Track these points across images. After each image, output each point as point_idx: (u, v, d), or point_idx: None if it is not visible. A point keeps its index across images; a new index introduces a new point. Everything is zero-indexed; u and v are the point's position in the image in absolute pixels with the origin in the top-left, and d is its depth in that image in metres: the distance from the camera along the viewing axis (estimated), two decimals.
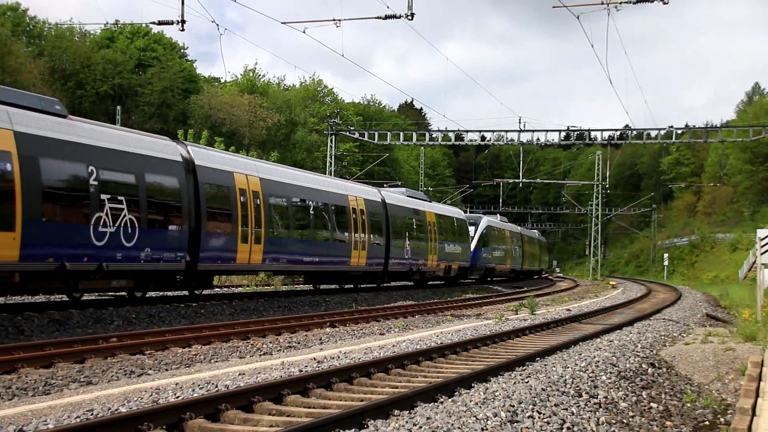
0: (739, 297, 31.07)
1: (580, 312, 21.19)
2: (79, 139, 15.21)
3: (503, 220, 49.55)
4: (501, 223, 47.26)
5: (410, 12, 24.32)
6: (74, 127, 15.34)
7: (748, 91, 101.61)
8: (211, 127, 47.13)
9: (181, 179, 17.95)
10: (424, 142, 45.40)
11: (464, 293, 31.01)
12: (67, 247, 14.66)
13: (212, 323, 15.42)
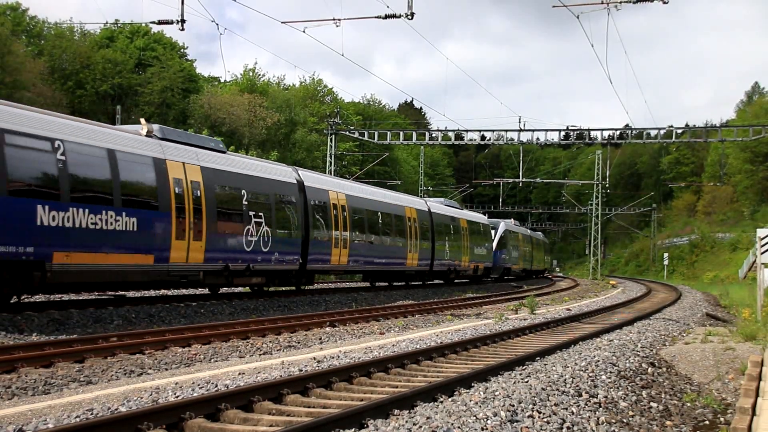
0: (739, 296, 31.08)
1: (580, 311, 21.19)
2: (235, 169, 19.78)
3: (516, 224, 54.12)
4: (515, 226, 51.92)
5: (410, 12, 24.33)
6: (231, 160, 20.15)
7: (747, 90, 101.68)
8: (210, 127, 47.11)
9: (296, 197, 22.45)
10: (424, 142, 45.43)
11: (464, 293, 31.04)
12: (230, 252, 19.06)
13: (212, 323, 15.43)
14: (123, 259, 15.79)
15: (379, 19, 25.65)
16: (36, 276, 14.03)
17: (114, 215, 15.44)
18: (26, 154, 13.88)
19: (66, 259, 14.32)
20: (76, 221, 14.50)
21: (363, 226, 26.46)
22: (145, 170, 16.65)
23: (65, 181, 14.42)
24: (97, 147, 15.46)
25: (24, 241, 13.51)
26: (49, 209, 13.98)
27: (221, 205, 18.80)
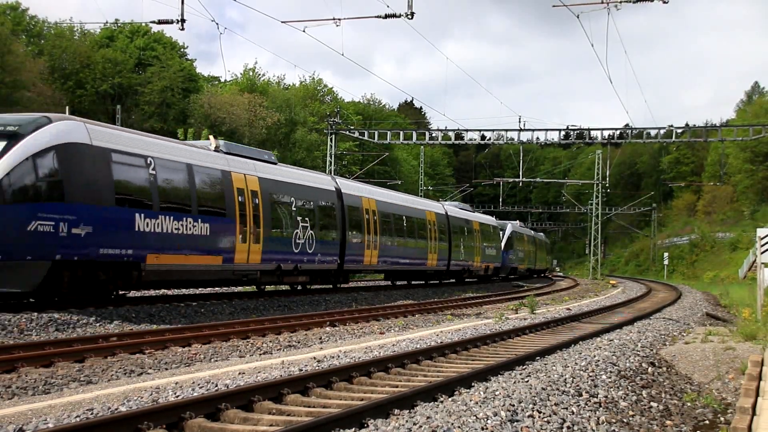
0: (739, 296, 31.09)
1: (580, 311, 21.19)
2: (286, 179, 22.14)
3: (522, 225, 56.28)
4: (521, 228, 54.16)
5: (410, 11, 24.31)
6: (282, 170, 22.52)
7: (747, 90, 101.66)
8: (210, 126, 47.08)
9: (335, 203, 24.70)
10: (424, 142, 45.41)
11: (464, 292, 31.04)
12: (281, 254, 21.20)
13: (212, 322, 15.42)
14: (198, 260, 17.98)
15: (379, 18, 25.65)
16: (134, 275, 16.31)
17: (192, 222, 17.63)
18: (126, 169, 16.14)
19: (156, 260, 16.55)
20: (163, 227, 16.74)
21: (390, 229, 28.77)
22: (215, 182, 18.86)
23: (155, 192, 16.68)
24: (178, 162, 17.68)
25: (125, 245, 15.77)
26: (144, 217, 16.23)
27: (275, 211, 21.10)
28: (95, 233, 15.00)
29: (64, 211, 14.43)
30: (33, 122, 14.55)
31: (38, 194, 14.19)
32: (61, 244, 14.36)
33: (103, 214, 15.28)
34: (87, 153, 15.08)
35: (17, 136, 14.08)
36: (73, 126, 15.22)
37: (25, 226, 13.78)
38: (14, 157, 13.81)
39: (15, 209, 13.73)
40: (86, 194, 14.95)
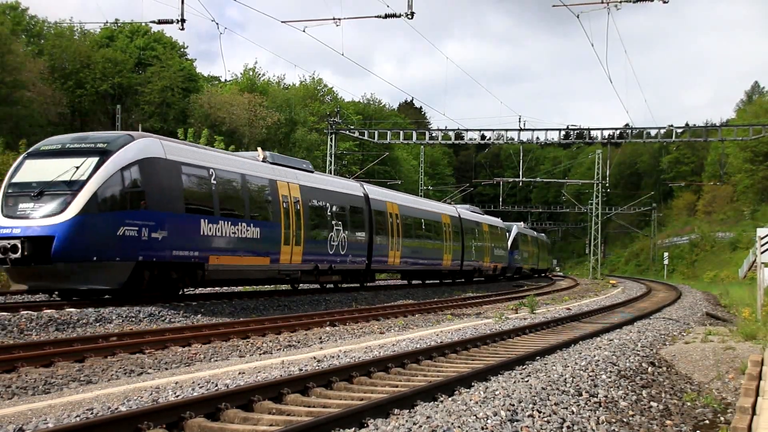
0: (739, 296, 31.07)
1: (580, 311, 21.19)
2: (322, 186, 23.96)
3: (526, 227, 57.62)
4: (526, 229, 55.93)
5: (410, 11, 24.31)
6: (318, 178, 24.46)
7: (747, 90, 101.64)
8: (210, 126, 47.08)
9: (363, 208, 26.45)
10: (424, 141, 45.41)
11: (465, 292, 31.05)
12: (318, 255, 22.90)
13: (212, 322, 15.42)
14: (250, 261, 19.73)
15: (379, 18, 25.65)
16: (199, 274, 18.09)
17: (245, 226, 19.43)
18: (193, 180, 18.02)
19: (216, 260, 18.35)
20: (222, 231, 18.56)
21: (411, 231, 30.56)
22: (263, 190, 20.71)
23: (216, 200, 18.50)
24: (234, 172, 19.50)
25: (192, 247, 17.53)
26: (207, 222, 18.03)
27: (313, 216, 22.86)
28: (169, 237, 16.77)
29: (145, 218, 16.21)
30: (119, 139, 16.36)
31: (125, 203, 15.90)
32: (143, 246, 16.15)
33: (175, 220, 17.04)
34: (163, 166, 16.89)
35: (107, 152, 15.83)
36: (151, 142, 17.02)
37: (115, 231, 15.57)
38: (107, 170, 15.53)
39: (107, 216, 15.51)
40: (162, 202, 16.73)
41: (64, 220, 14.83)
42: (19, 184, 15.57)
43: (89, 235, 15.15)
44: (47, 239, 14.70)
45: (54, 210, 14.95)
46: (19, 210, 15.12)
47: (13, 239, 14.67)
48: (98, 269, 15.56)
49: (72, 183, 15.21)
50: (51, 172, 15.45)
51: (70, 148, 16.11)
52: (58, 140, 16.87)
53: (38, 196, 15.14)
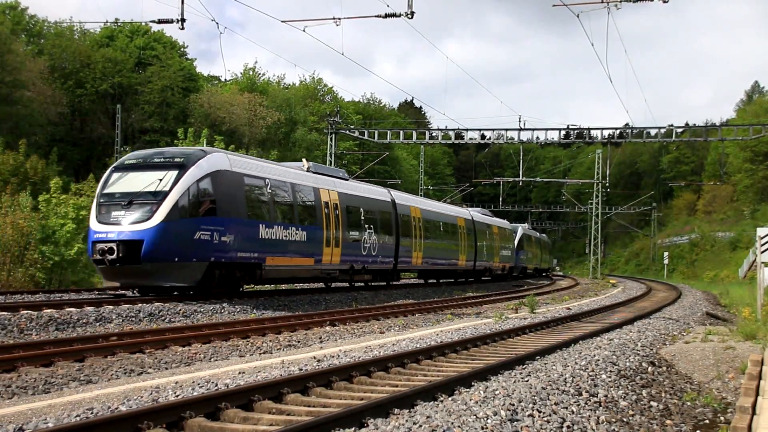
0: (739, 295, 31.07)
1: (580, 311, 21.19)
2: (356, 192, 26.01)
3: (529, 228, 59.72)
4: (529, 230, 57.95)
5: (410, 11, 24.30)
6: (353, 185, 26.42)
7: (747, 90, 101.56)
8: (210, 126, 47.05)
9: (391, 212, 28.47)
10: (424, 141, 45.41)
11: (465, 292, 31.06)
12: (354, 256, 24.87)
13: (212, 322, 15.42)
14: (298, 261, 21.78)
15: (379, 18, 25.65)
16: (257, 273, 20.07)
17: (294, 230, 21.40)
18: (253, 189, 20.00)
19: (272, 261, 20.32)
20: (276, 235, 20.55)
21: (431, 234, 32.50)
22: (308, 197, 22.72)
23: (271, 206, 20.60)
24: (285, 182, 21.55)
25: (253, 249, 19.57)
26: (265, 227, 20.05)
27: (349, 220, 24.74)
28: (235, 241, 18.83)
29: (216, 224, 18.21)
30: (194, 155, 18.36)
31: (200, 211, 17.94)
32: (215, 249, 18.21)
33: (240, 225, 19.08)
34: (229, 177, 18.93)
35: (184, 166, 17.80)
36: (220, 156, 19.19)
37: (192, 235, 17.60)
38: (185, 183, 17.54)
39: (186, 223, 17.50)
40: (229, 210, 18.76)
41: (151, 226, 16.89)
42: (110, 194, 17.67)
43: (171, 239, 17.20)
44: (137, 243, 16.75)
45: (142, 217, 17.02)
46: (111, 217, 17.19)
47: (110, 243, 16.76)
48: (178, 269, 17.65)
49: (156, 194, 17.28)
50: (137, 184, 17.58)
51: (152, 162, 18.17)
52: (140, 155, 19.05)
53: (128, 205, 17.23)
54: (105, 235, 17.02)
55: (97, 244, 17.00)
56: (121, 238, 16.80)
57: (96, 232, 17.21)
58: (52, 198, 24.67)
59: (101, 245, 16.83)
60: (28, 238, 22.58)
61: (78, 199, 26.99)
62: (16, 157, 32.20)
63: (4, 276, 21.98)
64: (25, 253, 22.56)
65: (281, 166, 23.06)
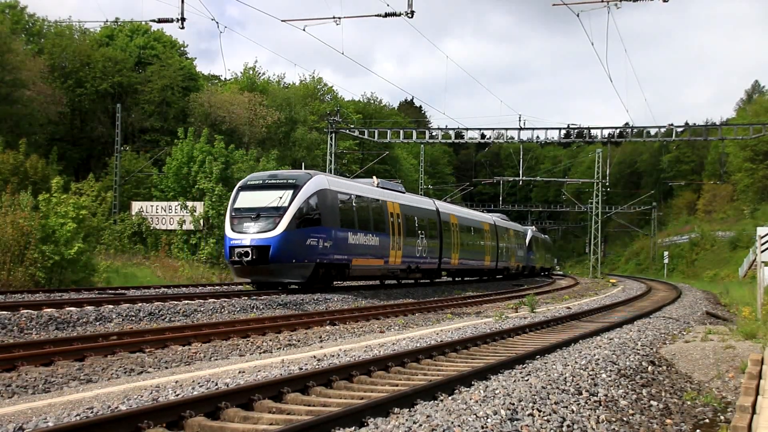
0: (739, 295, 31.07)
1: (580, 310, 21.19)
2: (411, 203, 30.53)
3: (536, 230, 62.30)
4: (537, 232, 61.08)
5: (410, 10, 24.32)
6: (407, 196, 31.10)
7: (748, 89, 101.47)
8: (210, 125, 47.04)
9: (436, 220, 32.64)
10: (424, 140, 45.41)
11: (464, 291, 31.06)
12: (410, 257, 29.06)
13: (212, 321, 15.42)
14: (373, 262, 26.39)
15: (379, 17, 25.65)
16: (346, 272, 24.58)
17: (371, 236, 25.79)
18: (343, 203, 24.21)
19: (356, 262, 24.80)
20: (359, 241, 24.92)
21: (465, 238, 36.69)
22: (379, 208, 26.98)
23: (355, 217, 24.91)
24: (364, 197, 25.94)
25: (344, 253, 23.96)
26: (352, 234, 24.38)
27: (407, 227, 28.78)
28: (332, 246, 23.05)
29: (321, 233, 22.46)
30: (303, 177, 22.54)
31: (311, 222, 22.06)
32: (319, 252, 22.49)
33: (336, 233, 23.32)
34: (329, 195, 23.13)
35: (297, 186, 21.90)
36: (322, 177, 23.56)
37: (305, 241, 21.83)
38: (299, 200, 21.63)
39: (301, 232, 21.66)
40: (330, 221, 22.98)
41: (276, 235, 20.98)
42: (240, 209, 21.83)
43: (291, 244, 21.26)
44: (266, 248, 20.84)
45: (268, 227, 21.10)
46: (243, 227, 21.31)
47: (245, 248, 20.83)
48: (295, 268, 21.88)
49: (278, 209, 21.39)
50: (261, 200, 21.69)
51: (270, 183, 22.52)
52: (259, 176, 23.59)
53: (256, 217, 21.35)
54: (240, 241, 21.05)
55: (234, 248, 20.98)
56: (253, 244, 20.87)
57: (232, 239, 21.27)
58: (53, 197, 24.66)
59: (238, 249, 20.88)
60: (28, 238, 22.55)
61: (78, 198, 26.97)
62: (16, 156, 32.18)
63: (4, 275, 21.96)
64: (25, 253, 22.53)
65: (359, 183, 27.78)
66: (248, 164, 40.98)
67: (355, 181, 28.58)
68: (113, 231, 35.50)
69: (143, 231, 36.99)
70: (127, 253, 34.07)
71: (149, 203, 38.36)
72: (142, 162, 43.38)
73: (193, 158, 37.95)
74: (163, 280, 29.25)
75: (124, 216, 37.42)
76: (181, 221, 36.54)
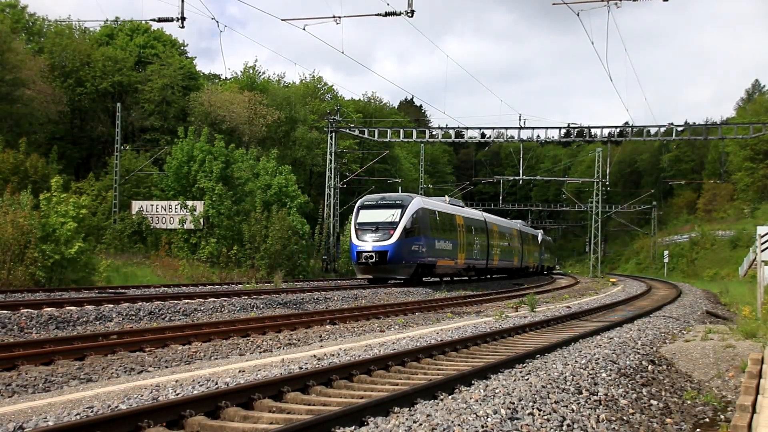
0: (740, 294, 31.08)
1: (581, 309, 21.18)
2: (468, 215, 38.32)
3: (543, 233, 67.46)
4: (544, 235, 66.86)
5: (410, 9, 24.30)
6: (465, 210, 38.86)
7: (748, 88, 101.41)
8: (210, 124, 47.02)
9: (484, 228, 40.29)
10: (424, 140, 45.43)
11: (465, 290, 31.09)
12: (470, 259, 36.81)
13: (212, 320, 15.43)
14: (448, 263, 33.82)
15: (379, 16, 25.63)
16: (433, 270, 32.35)
17: (448, 243, 33.31)
18: (432, 218, 31.54)
19: (439, 263, 32.43)
20: (441, 246, 32.34)
21: (502, 242, 44.34)
22: (451, 221, 34.52)
23: (438, 228, 32.10)
24: (441, 212, 33.40)
25: (432, 256, 31.36)
26: (437, 242, 31.83)
27: (467, 234, 36.32)
28: (426, 251, 30.63)
29: (419, 241, 29.93)
30: (407, 199, 30.40)
31: (413, 232, 29.40)
32: (419, 256, 30.06)
33: (429, 241, 30.79)
34: (424, 212, 30.71)
35: (403, 206, 29.57)
36: (419, 199, 31.55)
37: (410, 248, 29.32)
38: (406, 216, 29.17)
39: (408, 240, 29.06)
40: (424, 232, 30.38)
41: (391, 243, 28.52)
42: (362, 223, 29.40)
43: (401, 250, 28.66)
44: (385, 252, 28.38)
45: (385, 237, 28.62)
46: (366, 237, 28.87)
47: (369, 252, 28.50)
48: (404, 267, 29.53)
49: (391, 223, 28.87)
50: (377, 217, 29.28)
51: (383, 203, 30.04)
52: (373, 198, 31.05)
53: (376, 230, 28.88)
54: (364, 248, 28.61)
55: (361, 253, 28.66)
56: (375, 249, 28.39)
57: (357, 246, 28.89)
58: (53, 196, 24.66)
59: (365, 254, 28.57)
60: (29, 237, 22.55)
61: (78, 197, 26.96)
62: (16, 155, 32.18)
63: (5, 274, 21.96)
64: (25, 252, 22.53)
65: (437, 200, 35.82)
66: (248, 163, 40.98)
67: (434, 199, 36.41)
68: (113, 230, 35.51)
69: (143, 230, 36.99)
70: (127, 252, 34.07)
71: (149, 202, 38.35)
72: (142, 161, 43.38)
73: (193, 157, 37.94)
74: (163, 280, 29.25)
75: (125, 215, 37.42)
76: (182, 220, 36.55)
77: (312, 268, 39.93)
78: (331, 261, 42.96)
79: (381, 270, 28.83)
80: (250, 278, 30.41)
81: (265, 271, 34.36)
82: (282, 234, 35.57)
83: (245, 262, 35.43)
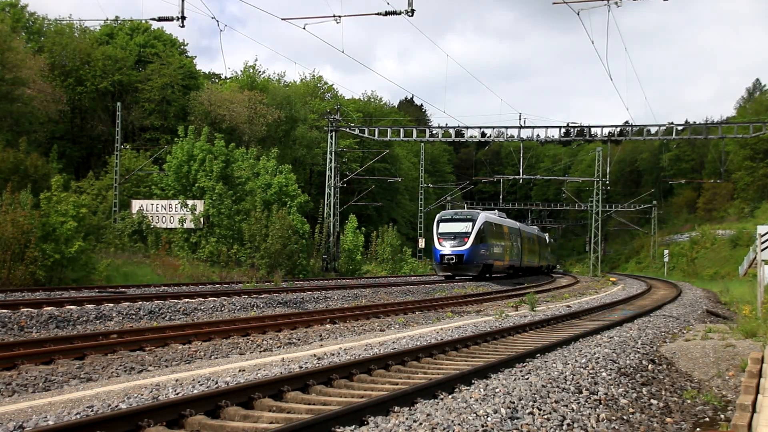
0: (740, 293, 31.05)
1: (581, 308, 21.18)
2: (507, 224, 46.35)
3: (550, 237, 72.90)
4: (550, 237, 71.68)
5: (410, 8, 24.29)
6: (506, 220, 47.36)
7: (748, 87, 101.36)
8: (210, 124, 47.01)
9: (518, 234, 47.92)
10: (425, 139, 45.41)
11: (464, 289, 31.08)
12: (512, 260, 45.87)
13: (212, 319, 15.43)
14: (499, 264, 42.01)
15: (379, 15, 25.62)
16: (491, 269, 40.41)
17: (499, 248, 41.08)
18: (492, 229, 40.17)
19: (495, 263, 40.84)
20: (496, 250, 40.70)
21: (529, 246, 52.33)
22: (500, 230, 42.54)
23: (493, 236, 39.99)
24: (495, 223, 41.26)
25: (491, 258, 39.79)
26: (494, 247, 40.18)
27: (509, 241, 44.25)
28: (488, 254, 38.82)
29: (484, 247, 38.23)
30: (476, 213, 39.02)
31: (482, 240, 37.82)
32: (484, 258, 38.36)
33: (490, 247, 39.08)
34: (487, 224, 38.99)
35: (474, 220, 37.94)
36: (485, 213, 39.78)
37: (479, 252, 37.62)
38: (476, 228, 37.40)
39: (478, 246, 37.30)
40: (487, 239, 38.65)
41: (466, 248, 36.78)
42: (443, 233, 37.57)
43: (473, 254, 36.94)
44: (461, 255, 36.62)
45: (461, 244, 36.84)
46: (446, 244, 37.09)
47: (450, 256, 36.72)
48: (475, 267, 37.61)
49: (466, 233, 37.15)
50: (454, 228, 37.61)
51: (458, 218, 38.64)
52: (450, 213, 40.01)
53: (454, 238, 37.11)
54: (445, 252, 36.86)
55: (443, 256, 36.85)
56: (454, 253, 36.72)
57: (440, 251, 37.13)
58: (53, 196, 24.65)
59: (446, 257, 36.79)
60: (29, 236, 22.55)
61: (79, 196, 26.95)
62: (16, 154, 32.16)
63: (5, 273, 21.96)
64: (25, 251, 22.53)
65: (492, 213, 43.00)
66: (248, 163, 40.97)
67: (491, 212, 43.76)
68: (113, 229, 35.51)
69: (143, 229, 36.99)
70: (128, 251, 34.07)
71: (150, 201, 38.35)
72: (143, 160, 43.37)
73: (193, 157, 37.94)
74: (163, 279, 29.25)
75: (125, 214, 37.43)
76: (182, 220, 36.54)
77: (312, 267, 39.92)
78: (331, 260, 42.95)
79: (458, 269, 37.27)
80: (250, 277, 30.42)
81: (265, 270, 34.38)
82: (282, 233, 35.56)
83: (245, 261, 35.44)
